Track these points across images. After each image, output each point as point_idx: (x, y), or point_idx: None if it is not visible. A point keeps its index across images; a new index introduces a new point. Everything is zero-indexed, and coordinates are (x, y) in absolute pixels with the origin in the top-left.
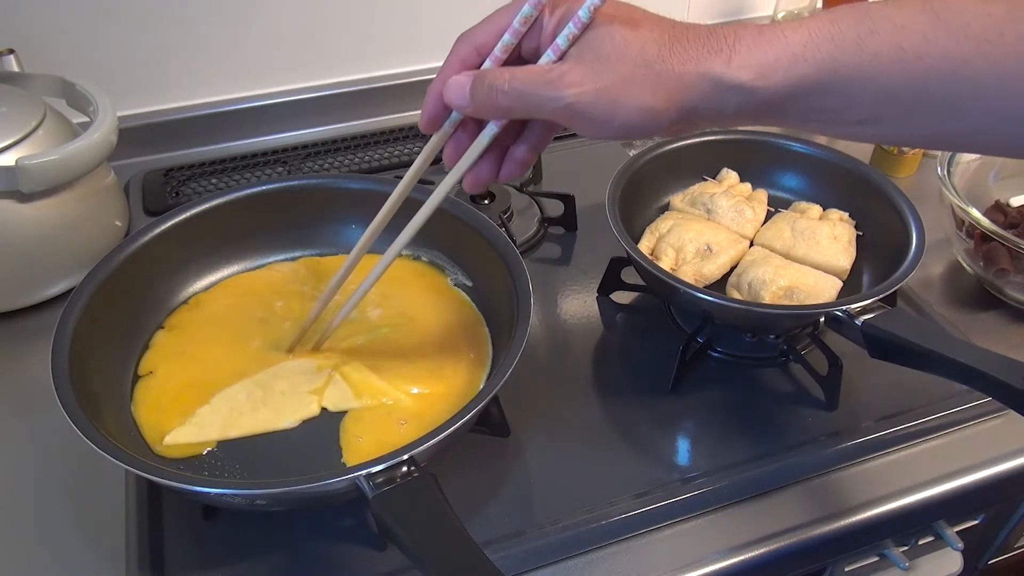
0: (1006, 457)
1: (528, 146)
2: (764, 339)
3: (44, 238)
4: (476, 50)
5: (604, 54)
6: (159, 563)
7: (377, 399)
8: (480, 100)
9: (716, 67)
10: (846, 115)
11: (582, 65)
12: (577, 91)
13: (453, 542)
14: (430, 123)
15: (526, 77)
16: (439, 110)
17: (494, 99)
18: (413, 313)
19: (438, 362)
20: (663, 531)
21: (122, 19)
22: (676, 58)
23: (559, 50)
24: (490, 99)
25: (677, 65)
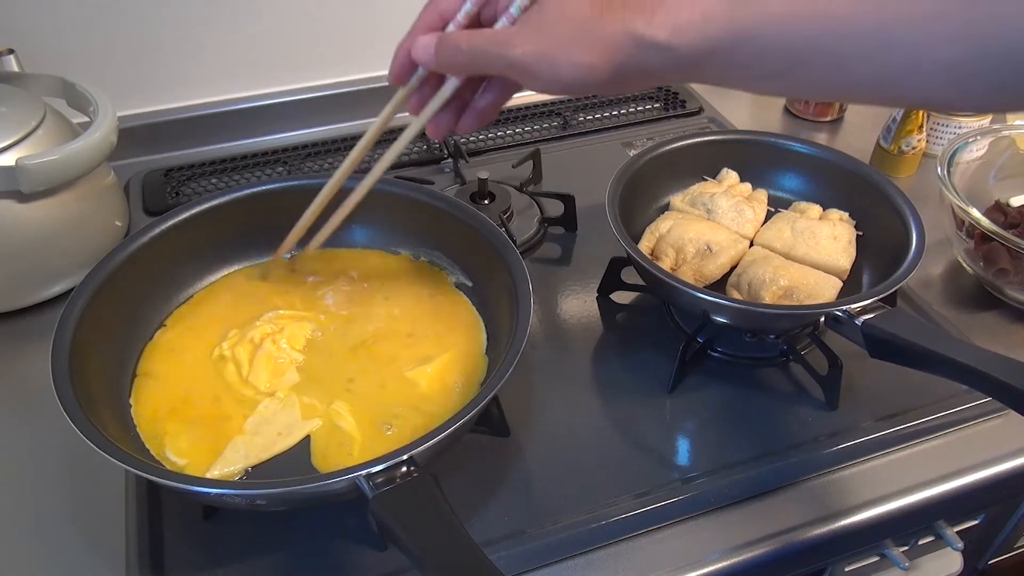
0: (1006, 457)
1: (486, 101)
2: (764, 339)
3: (44, 238)
4: (440, 16)
5: (547, 18)
6: (159, 563)
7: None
8: (443, 57)
9: (638, 27)
10: (758, 70)
11: (528, 28)
12: (522, 51)
13: (453, 542)
14: (398, 77)
15: (481, 38)
16: (406, 66)
17: (454, 56)
18: (412, 312)
19: (437, 363)
20: (663, 531)
21: (122, 19)
22: (607, 18)
23: (511, 17)
24: (451, 56)
25: (608, 24)
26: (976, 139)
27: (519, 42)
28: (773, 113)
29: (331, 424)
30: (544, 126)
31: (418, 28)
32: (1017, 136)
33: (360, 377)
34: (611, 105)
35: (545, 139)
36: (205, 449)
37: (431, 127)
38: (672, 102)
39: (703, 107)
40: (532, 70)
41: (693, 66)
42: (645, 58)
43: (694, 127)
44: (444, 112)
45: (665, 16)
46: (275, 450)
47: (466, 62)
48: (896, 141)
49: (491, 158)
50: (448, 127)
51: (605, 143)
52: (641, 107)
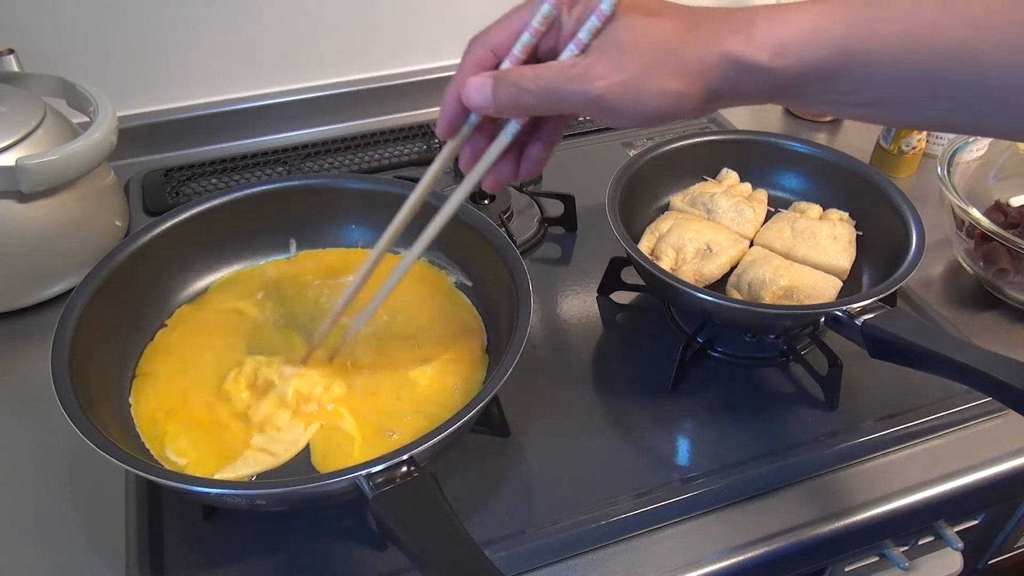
0: (1006, 457)
1: (544, 143)
2: (764, 339)
3: (44, 238)
4: (492, 51)
5: (627, 45)
6: (159, 563)
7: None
8: (505, 100)
9: (735, 47)
10: (856, 97)
11: (606, 57)
12: (604, 84)
13: (453, 542)
14: (449, 127)
15: (551, 74)
16: (458, 114)
17: (520, 98)
18: (412, 313)
19: (437, 363)
20: (663, 531)
21: (122, 19)
22: (696, 42)
23: (582, 44)
24: (516, 98)
25: (698, 48)
26: (976, 139)
27: (598, 74)
28: (773, 113)
29: (331, 425)
30: None
31: (467, 68)
32: None
33: (360, 378)
34: None
35: None
36: (205, 449)
37: (489, 181)
38: None
39: None
40: (616, 104)
41: (790, 89)
42: (742, 80)
43: (694, 127)
44: (502, 162)
45: (765, 35)
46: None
47: (535, 102)
48: (896, 141)
49: None
50: (509, 179)
51: (605, 143)
52: None
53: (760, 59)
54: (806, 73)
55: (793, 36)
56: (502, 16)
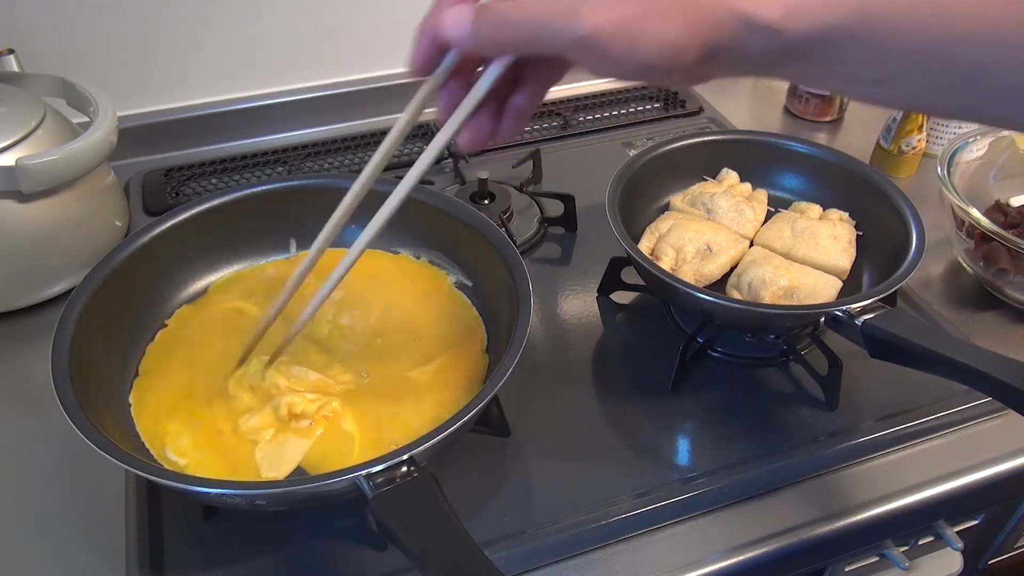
0: (1006, 457)
1: (527, 94)
2: (764, 339)
3: (44, 238)
4: None
5: None
6: (159, 563)
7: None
8: (485, 33)
9: (745, 3)
10: (866, 71)
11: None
12: (596, 20)
13: (453, 542)
14: (421, 63)
15: (537, 6)
16: (432, 50)
17: (501, 31)
18: (412, 313)
19: (437, 363)
20: (663, 531)
21: (122, 19)
22: None
23: None
24: (496, 31)
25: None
26: (976, 139)
27: (589, 10)
28: (773, 113)
29: (331, 424)
30: (544, 126)
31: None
32: (1017, 136)
33: (360, 378)
34: (611, 105)
35: (545, 139)
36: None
37: (466, 137)
38: (672, 102)
39: (703, 107)
40: (604, 47)
41: (798, 54)
42: (747, 41)
43: (694, 127)
44: (480, 115)
45: None
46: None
47: (518, 37)
48: (896, 141)
49: (491, 158)
50: (487, 134)
51: (605, 143)
52: (641, 107)
53: (771, 17)
54: (817, 37)
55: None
56: None
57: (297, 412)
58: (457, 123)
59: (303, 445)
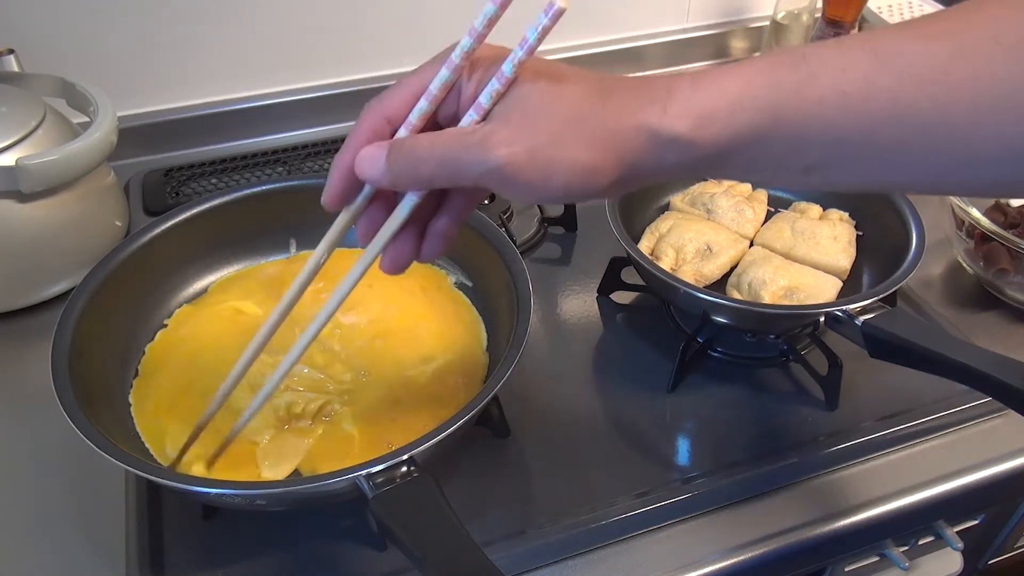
0: (1006, 457)
1: (449, 218)
2: (764, 339)
3: (44, 238)
4: (387, 119)
5: (531, 111)
6: (159, 563)
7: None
8: (398, 170)
9: (651, 119)
10: (791, 163)
11: (509, 124)
12: (506, 152)
13: (453, 542)
14: (336, 200)
15: (449, 141)
16: (348, 185)
17: (414, 168)
18: (412, 314)
19: (437, 363)
20: (663, 531)
21: (122, 19)
22: (609, 112)
23: (482, 109)
24: (409, 168)
25: (610, 119)
26: None
27: (500, 141)
28: None
29: (331, 424)
30: None
31: (359, 136)
32: None
33: (360, 378)
34: None
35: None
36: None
37: (386, 262)
38: None
39: None
40: (521, 176)
41: (716, 161)
42: (660, 155)
43: None
44: (401, 239)
45: (683, 104)
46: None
47: (430, 173)
48: None
49: None
50: (409, 257)
51: None
52: None
53: (679, 130)
54: (733, 142)
55: (716, 104)
56: (397, 82)
57: (297, 412)
58: (377, 249)
59: (303, 445)
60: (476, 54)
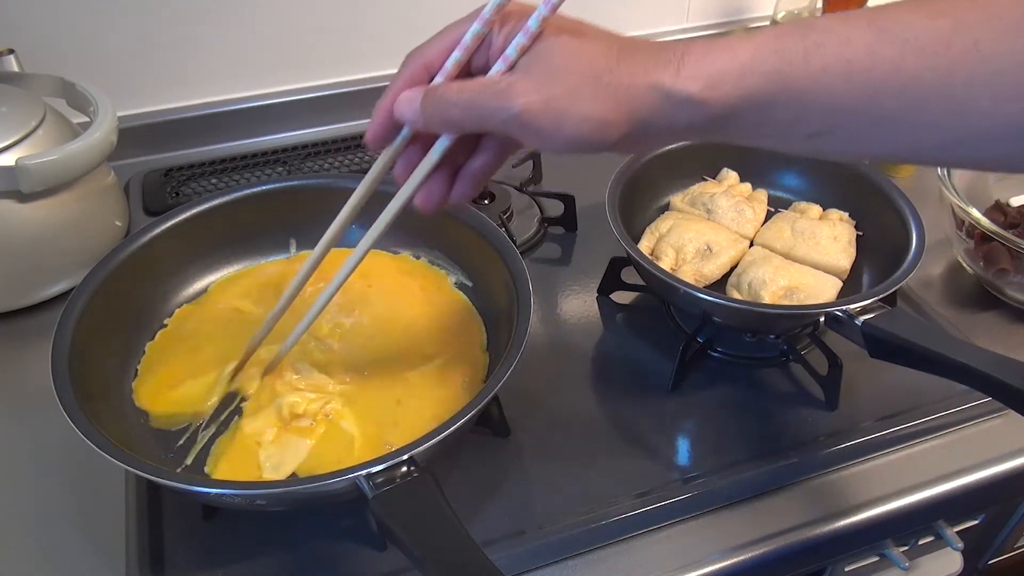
0: (1006, 457)
1: (482, 163)
2: (764, 339)
3: (44, 238)
4: (425, 67)
5: (552, 65)
6: (159, 563)
7: None
8: (430, 113)
9: (664, 79)
10: (796, 129)
11: (530, 76)
12: (525, 100)
13: (453, 542)
14: (377, 139)
15: (475, 88)
16: (388, 126)
17: (444, 111)
18: (412, 313)
19: (437, 362)
20: (663, 531)
21: (122, 19)
22: (624, 69)
23: (509, 60)
24: (440, 111)
25: (625, 76)
26: None
27: (520, 91)
28: None
29: (332, 424)
30: None
31: (400, 81)
32: None
33: (361, 377)
34: None
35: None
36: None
37: (420, 198)
38: None
39: None
40: (535, 124)
41: (725, 122)
42: (671, 113)
43: None
44: (434, 179)
45: (695, 66)
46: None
47: (458, 116)
48: None
49: None
50: (440, 196)
51: None
52: None
53: (691, 90)
54: (741, 104)
55: (726, 67)
56: (437, 32)
57: (299, 412)
58: (412, 188)
59: (304, 445)
60: (506, 9)
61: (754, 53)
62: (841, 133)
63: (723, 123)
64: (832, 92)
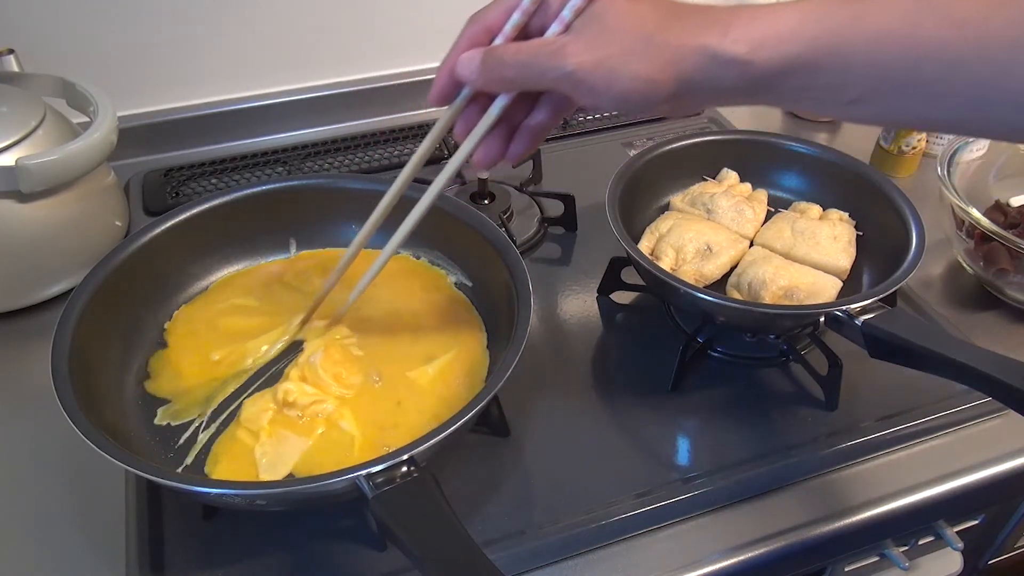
0: (1006, 457)
1: (539, 120)
2: (764, 339)
3: (44, 238)
4: (486, 29)
5: (605, 26)
6: (159, 563)
7: None
8: (489, 72)
9: (712, 40)
10: (839, 94)
11: (583, 36)
12: (577, 60)
13: (453, 542)
14: (440, 97)
15: (531, 48)
16: (449, 85)
17: (501, 71)
18: (412, 313)
19: (437, 363)
20: (663, 531)
21: (122, 19)
22: (673, 31)
23: (564, 22)
24: (498, 71)
25: (674, 38)
26: (976, 139)
27: (573, 51)
28: (773, 113)
29: (332, 424)
30: None
31: (462, 43)
32: None
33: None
34: None
35: (545, 139)
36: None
37: (479, 154)
38: None
39: None
40: (587, 82)
41: (769, 84)
42: (718, 74)
43: (694, 127)
44: (492, 137)
45: (743, 29)
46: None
47: (514, 76)
48: (896, 141)
49: None
50: (498, 153)
51: (605, 143)
52: None
53: (738, 52)
54: (785, 67)
55: (772, 31)
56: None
57: (291, 400)
58: (472, 144)
59: (302, 444)
60: None
61: (800, 19)
62: (882, 98)
63: (767, 85)
64: (874, 59)
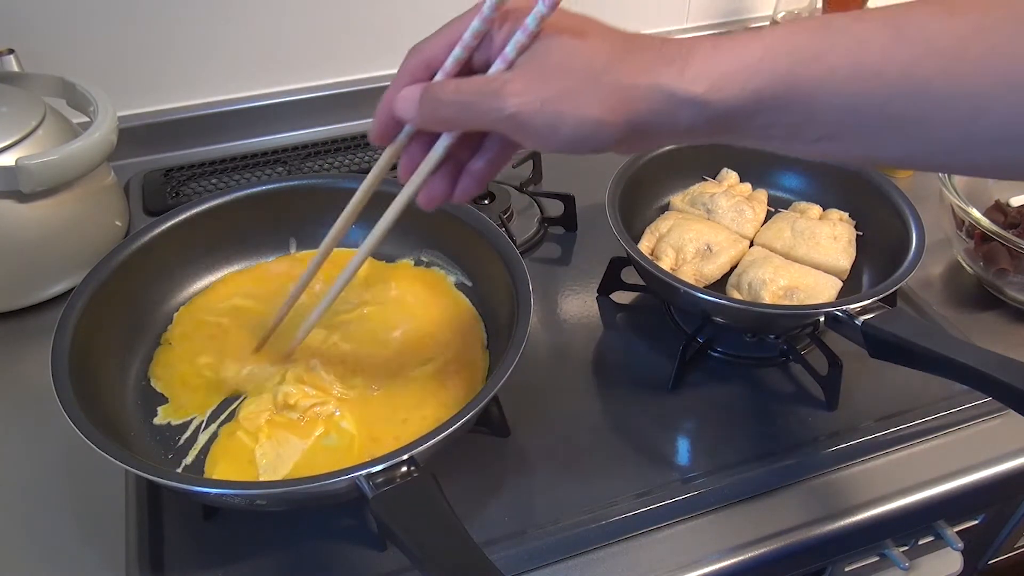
0: (1006, 457)
1: (485, 161)
2: (764, 339)
3: (44, 238)
4: (426, 64)
5: (550, 64)
6: (159, 563)
7: None
8: (427, 111)
9: (667, 79)
10: (805, 132)
11: (526, 75)
12: (519, 100)
13: (453, 542)
14: (380, 135)
15: (470, 87)
16: (390, 123)
17: (439, 110)
18: (412, 313)
19: (437, 363)
20: (663, 531)
21: (122, 19)
22: (625, 68)
23: (507, 59)
24: (435, 110)
25: (626, 76)
26: None
27: (514, 91)
28: None
29: (332, 425)
30: None
31: (401, 78)
32: None
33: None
34: None
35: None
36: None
37: (423, 196)
38: None
39: None
40: (531, 125)
41: (730, 124)
42: (675, 114)
43: None
44: (437, 177)
45: (701, 65)
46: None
47: (453, 116)
48: None
49: None
50: (443, 195)
51: None
52: None
53: (695, 91)
54: (747, 106)
55: (733, 67)
56: (439, 28)
57: (291, 403)
58: (414, 187)
59: (302, 445)
60: (507, 6)
61: (763, 54)
62: (851, 137)
63: (728, 125)
64: (842, 94)
